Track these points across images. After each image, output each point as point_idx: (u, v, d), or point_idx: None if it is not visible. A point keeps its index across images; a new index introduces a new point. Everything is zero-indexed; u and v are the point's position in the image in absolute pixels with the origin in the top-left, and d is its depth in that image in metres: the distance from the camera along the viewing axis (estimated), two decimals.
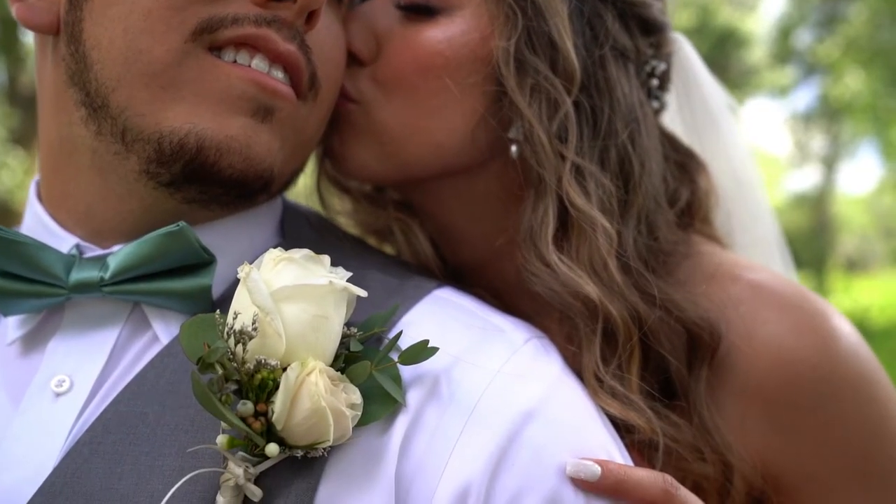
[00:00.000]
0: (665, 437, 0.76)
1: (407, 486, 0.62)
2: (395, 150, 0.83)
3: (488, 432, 0.63)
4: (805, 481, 0.81)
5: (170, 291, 0.68)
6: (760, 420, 0.80)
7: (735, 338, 0.81)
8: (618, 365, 0.77)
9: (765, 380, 0.80)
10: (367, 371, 0.62)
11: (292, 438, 0.60)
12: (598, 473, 0.64)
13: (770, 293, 0.83)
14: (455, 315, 0.72)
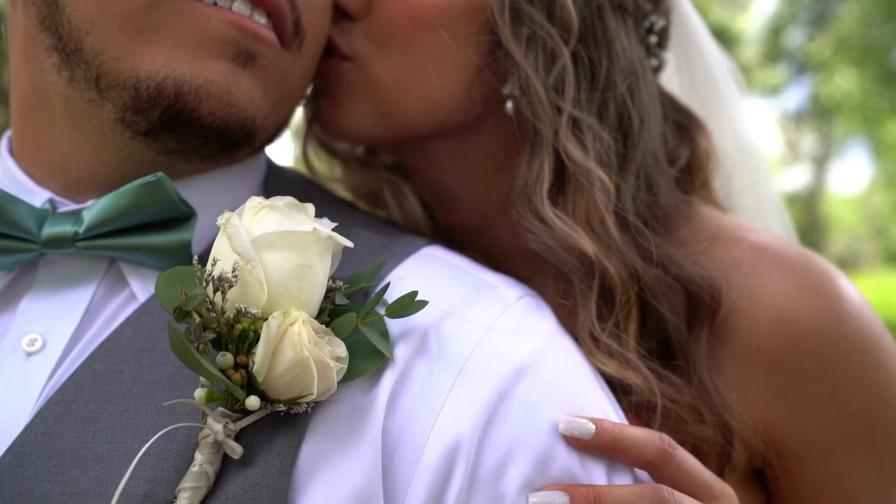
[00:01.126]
0: (663, 397, 0.74)
1: (394, 443, 0.58)
2: (391, 110, 0.80)
3: (479, 388, 0.60)
4: (807, 447, 0.79)
5: (147, 247, 0.65)
6: (762, 383, 0.78)
7: (737, 299, 0.78)
8: (615, 324, 0.75)
9: (767, 342, 0.77)
10: (352, 323, 0.59)
11: (274, 392, 0.57)
12: (592, 431, 0.61)
13: (773, 254, 0.80)
14: (445, 271, 0.69)
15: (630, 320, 0.75)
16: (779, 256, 0.80)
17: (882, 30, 8.90)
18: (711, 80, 0.96)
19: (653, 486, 0.61)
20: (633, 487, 0.61)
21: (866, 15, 8.94)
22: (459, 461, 0.58)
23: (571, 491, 0.59)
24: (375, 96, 0.80)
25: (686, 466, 0.62)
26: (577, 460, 0.61)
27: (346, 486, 0.57)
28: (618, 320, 0.75)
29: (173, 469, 0.58)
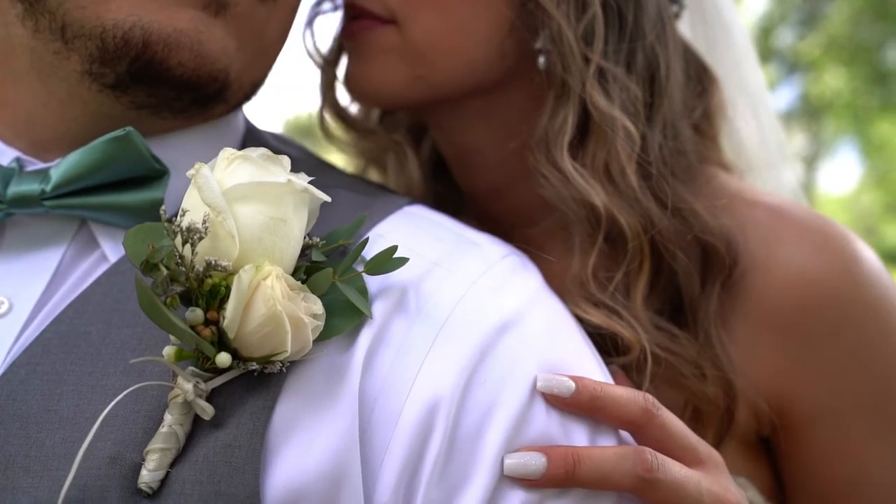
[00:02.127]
0: (661, 348, 0.72)
1: (371, 403, 0.56)
2: (426, 71, 0.78)
3: (460, 347, 0.57)
4: (817, 414, 0.77)
5: (118, 205, 0.62)
6: (774, 345, 0.76)
7: (752, 258, 0.77)
8: (624, 277, 0.74)
9: (782, 302, 0.75)
10: (328, 280, 0.56)
11: (247, 350, 0.54)
12: (571, 389, 0.58)
13: (791, 216, 0.79)
14: (427, 228, 0.66)
15: (641, 274, 0.74)
16: (796, 218, 0.79)
17: (871, 30, 8.89)
18: (726, 31, 0.93)
19: (636, 447, 0.58)
20: (616, 449, 0.58)
21: (856, 15, 8.94)
22: (438, 421, 0.55)
23: (549, 452, 0.56)
24: (410, 58, 0.78)
25: (670, 428, 0.60)
26: (557, 421, 0.59)
27: (322, 447, 0.54)
28: (628, 273, 0.74)
29: (141, 431, 0.55)
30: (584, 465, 0.56)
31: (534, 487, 0.57)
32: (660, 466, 0.57)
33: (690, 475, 0.59)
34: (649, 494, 0.58)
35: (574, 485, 0.57)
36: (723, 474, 0.61)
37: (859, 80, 9.56)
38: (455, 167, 0.89)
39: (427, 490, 0.55)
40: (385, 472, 0.55)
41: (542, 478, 0.56)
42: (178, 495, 0.53)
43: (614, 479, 0.57)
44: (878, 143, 11.58)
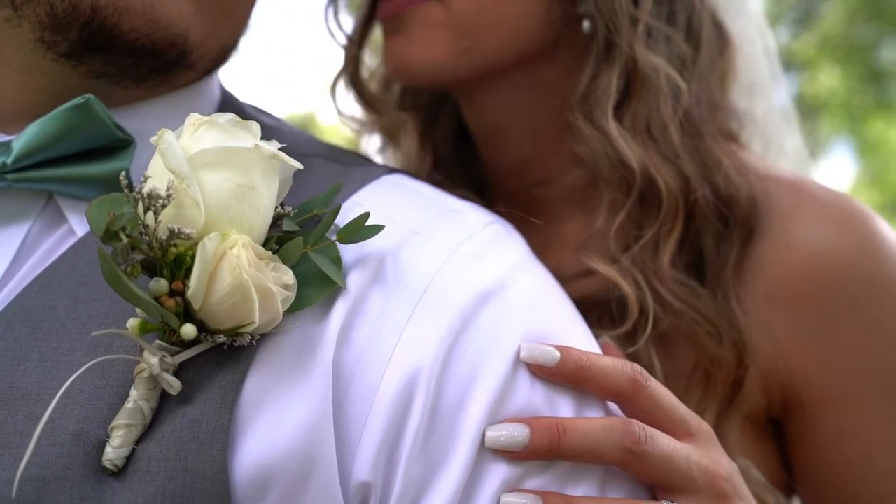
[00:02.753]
0: (683, 304, 0.71)
1: (348, 377, 0.53)
2: (473, 44, 0.77)
3: (440, 316, 0.54)
4: (829, 395, 0.74)
5: (83, 177, 0.59)
6: (789, 322, 0.74)
7: (771, 233, 0.75)
8: (654, 236, 0.73)
9: (799, 278, 0.74)
10: (299, 249, 0.53)
11: (213, 321, 0.51)
12: (556, 358, 0.55)
13: (811, 192, 0.78)
14: (407, 196, 0.63)
15: (672, 233, 0.74)
16: (817, 194, 0.78)
17: (866, 29, 8.86)
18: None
19: (624, 419, 0.55)
20: (602, 420, 0.55)
21: (851, 14, 8.91)
22: (418, 394, 0.53)
23: (533, 423, 0.54)
24: (457, 31, 0.77)
25: (659, 399, 0.57)
26: (542, 393, 0.56)
27: (293, 421, 0.52)
28: (658, 232, 0.73)
29: (107, 407, 0.52)
30: (569, 437, 0.53)
31: (517, 460, 0.54)
32: (648, 439, 0.55)
33: (679, 448, 0.56)
34: (636, 467, 0.55)
35: (559, 457, 0.54)
36: (713, 447, 0.58)
37: (854, 80, 9.53)
38: (483, 141, 0.87)
39: (408, 465, 0.52)
40: (363, 447, 0.52)
41: (525, 450, 0.53)
42: (143, 473, 0.51)
43: (601, 452, 0.54)
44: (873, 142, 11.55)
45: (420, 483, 0.53)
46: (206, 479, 0.50)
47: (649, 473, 0.56)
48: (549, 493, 0.54)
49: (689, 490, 0.56)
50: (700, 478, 0.56)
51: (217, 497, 0.50)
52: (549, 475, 0.55)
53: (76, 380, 0.53)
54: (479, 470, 0.53)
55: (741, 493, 0.57)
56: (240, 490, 0.51)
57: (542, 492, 0.54)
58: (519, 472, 0.54)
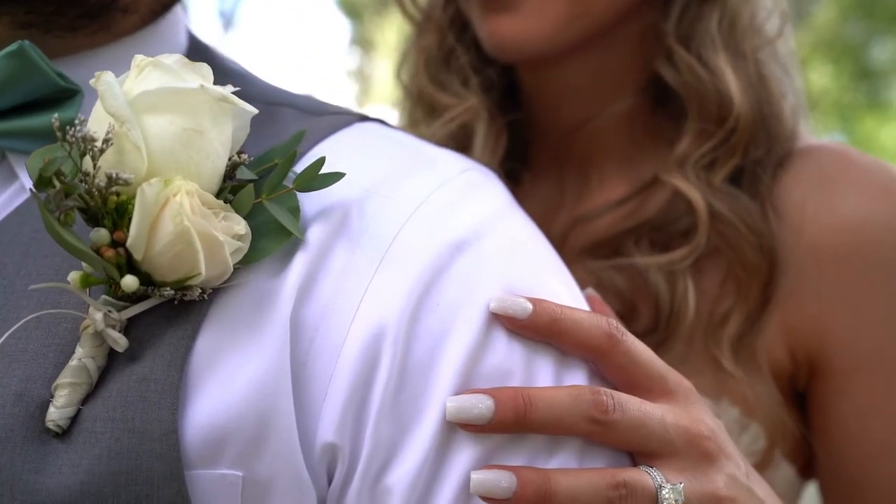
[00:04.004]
0: (731, 211, 0.72)
1: (311, 333, 0.48)
2: (585, 9, 0.75)
3: (409, 268, 0.49)
4: (859, 364, 0.71)
5: (28, 130, 0.54)
6: (822, 287, 0.72)
7: (812, 198, 0.73)
8: (719, 156, 0.75)
9: (838, 242, 0.71)
10: (251, 197, 0.48)
11: (158, 273, 0.46)
12: (528, 310, 0.49)
13: (853, 158, 0.76)
14: (379, 144, 0.57)
15: (734, 158, 0.74)
16: (859, 161, 0.76)
17: (858, 27, 8.78)
18: None
19: (591, 387, 0.50)
20: (569, 389, 0.49)
21: (842, 13, 8.83)
22: (385, 350, 0.47)
23: (497, 394, 0.48)
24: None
25: (636, 355, 0.51)
26: (520, 353, 0.50)
27: (247, 378, 0.47)
28: (723, 154, 0.74)
29: (52, 366, 0.47)
30: (535, 409, 0.48)
31: (481, 433, 0.48)
32: (616, 406, 0.49)
33: (652, 411, 0.50)
34: (608, 437, 0.49)
35: (526, 430, 0.48)
36: (694, 405, 0.52)
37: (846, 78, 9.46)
38: (541, 103, 0.83)
39: (377, 424, 0.47)
40: (328, 406, 0.47)
41: (489, 423, 0.47)
42: (88, 433, 0.46)
43: (568, 423, 0.48)
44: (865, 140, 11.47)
45: (390, 444, 0.47)
46: (155, 439, 0.45)
47: (622, 442, 0.50)
48: (522, 468, 0.48)
49: (668, 453, 0.50)
50: (678, 439, 0.50)
51: (166, 459, 0.45)
52: (524, 449, 0.49)
53: (20, 338, 0.48)
54: (450, 438, 0.48)
55: (727, 450, 0.52)
56: (191, 452, 0.46)
57: (514, 467, 0.48)
58: (490, 447, 0.48)
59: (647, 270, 0.74)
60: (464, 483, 0.47)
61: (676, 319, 0.73)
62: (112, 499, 0.45)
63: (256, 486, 0.47)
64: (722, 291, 0.74)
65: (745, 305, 0.73)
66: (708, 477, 0.50)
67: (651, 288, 0.74)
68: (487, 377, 0.49)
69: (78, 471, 0.45)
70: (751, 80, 0.76)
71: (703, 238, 0.73)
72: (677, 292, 0.73)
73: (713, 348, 0.73)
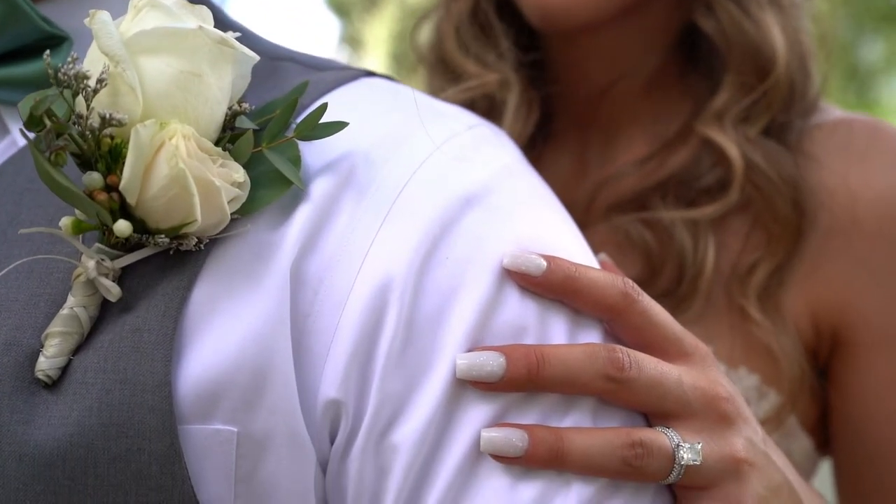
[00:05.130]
0: (766, 161, 0.71)
1: (315, 285, 0.45)
2: None
3: (417, 220, 0.46)
4: (884, 340, 0.69)
5: (16, 79, 0.50)
6: (851, 257, 0.69)
7: (842, 169, 0.71)
8: (755, 111, 0.73)
9: (868, 214, 0.69)
10: (250, 144, 0.45)
11: (153, 219, 0.43)
12: (542, 267, 0.46)
13: (887, 131, 0.74)
14: (385, 97, 0.53)
15: (769, 111, 0.73)
16: (892, 134, 0.73)
17: (847, 25, 8.75)
18: None
19: (607, 345, 0.46)
20: (584, 347, 0.46)
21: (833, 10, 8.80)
22: (391, 303, 0.44)
23: (509, 352, 0.44)
24: None
25: (652, 315, 0.48)
26: (533, 309, 0.47)
27: (243, 330, 0.44)
28: (759, 109, 0.73)
29: (43, 316, 0.44)
30: (548, 366, 0.44)
31: (492, 392, 0.45)
32: (633, 364, 0.46)
33: (669, 371, 0.47)
34: (623, 396, 0.46)
35: (538, 388, 0.45)
36: (711, 368, 0.49)
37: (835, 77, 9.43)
38: (570, 69, 0.79)
39: (382, 380, 0.44)
40: (332, 360, 0.44)
41: (500, 381, 0.44)
42: (79, 385, 0.43)
43: (583, 381, 0.45)
44: None
45: (397, 399, 0.44)
46: (147, 391, 0.43)
47: (638, 401, 0.47)
48: (534, 427, 0.45)
49: (685, 414, 0.47)
50: (696, 401, 0.47)
51: (158, 411, 0.42)
52: (535, 407, 0.46)
53: (11, 287, 0.45)
54: (460, 395, 0.45)
55: (744, 414, 0.49)
56: (184, 405, 0.43)
57: (526, 425, 0.45)
58: (501, 405, 0.45)
59: (672, 225, 0.72)
60: (474, 441, 0.44)
61: (697, 275, 0.71)
62: (102, 452, 0.42)
63: (252, 442, 0.44)
64: (747, 245, 0.72)
65: (775, 257, 0.71)
66: (726, 439, 0.47)
67: (676, 244, 0.72)
68: (499, 334, 0.46)
69: (67, 422, 0.42)
70: (791, 35, 0.74)
71: (736, 192, 0.71)
72: (700, 247, 0.71)
73: (739, 298, 0.71)
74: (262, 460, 0.44)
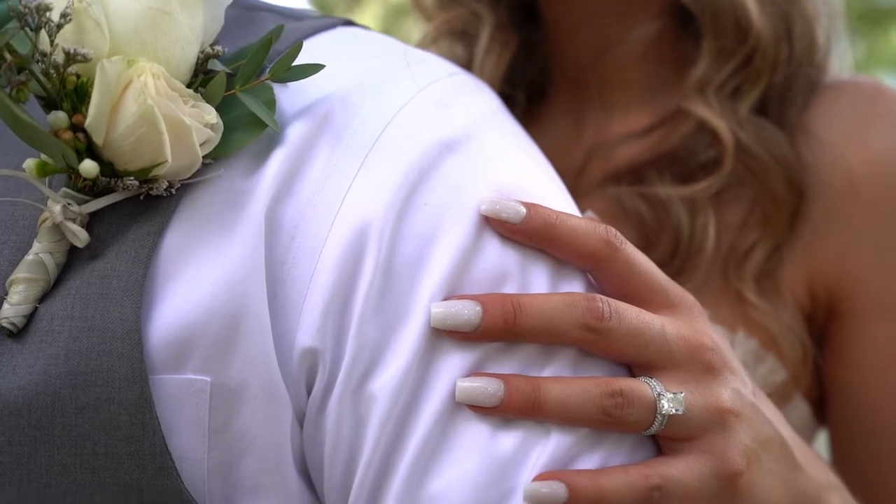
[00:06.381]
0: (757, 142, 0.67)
1: (290, 231, 0.42)
2: None
3: (395, 164, 0.43)
4: (883, 308, 0.66)
5: None
6: (848, 223, 0.66)
7: (844, 131, 0.68)
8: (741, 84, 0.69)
9: (868, 178, 0.67)
10: (222, 85, 0.43)
11: (121, 160, 0.41)
12: (522, 214, 0.43)
13: (885, 92, 0.71)
14: (364, 44, 0.51)
15: (758, 86, 0.69)
16: (891, 94, 0.70)
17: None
18: None
19: (586, 294, 0.44)
20: (563, 296, 0.43)
21: None
22: (369, 248, 0.42)
23: (486, 301, 0.42)
24: None
25: (636, 264, 0.45)
26: (514, 258, 0.44)
27: (216, 277, 0.41)
28: (745, 82, 0.69)
29: (7, 263, 0.42)
30: (525, 315, 0.42)
31: (468, 341, 0.42)
32: (613, 314, 0.43)
33: (651, 320, 0.44)
34: (603, 346, 0.44)
35: (515, 338, 0.43)
36: (697, 318, 0.46)
37: None
38: (562, 32, 0.76)
39: (360, 327, 0.41)
40: (308, 307, 0.42)
41: (476, 330, 0.42)
42: (45, 332, 0.40)
43: (561, 330, 0.43)
44: None
45: (374, 347, 0.42)
46: (116, 338, 0.40)
47: (619, 351, 0.44)
48: (511, 376, 0.42)
49: (668, 365, 0.44)
50: (679, 350, 0.44)
51: (128, 359, 0.40)
52: (514, 357, 0.43)
53: None
54: (437, 344, 0.42)
55: (731, 365, 0.46)
56: (155, 353, 0.41)
57: (503, 375, 0.42)
58: (480, 355, 0.43)
59: (669, 201, 0.69)
60: (452, 391, 0.42)
61: (695, 252, 0.68)
62: (70, 401, 0.40)
63: (225, 392, 0.41)
64: (746, 225, 0.69)
65: (772, 238, 0.68)
66: (711, 389, 0.44)
67: (672, 219, 0.69)
68: (478, 282, 0.43)
69: (33, 371, 0.40)
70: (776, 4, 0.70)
71: (727, 169, 0.68)
72: (697, 224, 0.68)
73: (736, 281, 0.68)
74: (236, 411, 0.42)
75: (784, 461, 0.46)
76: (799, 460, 0.48)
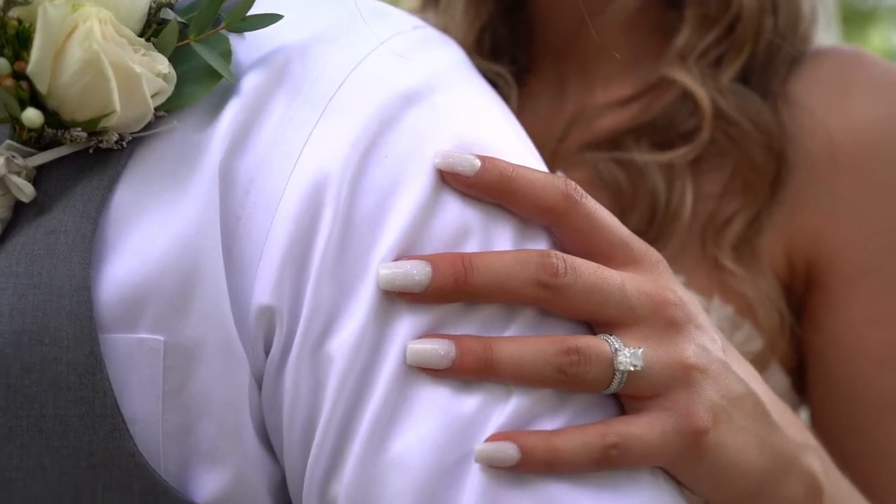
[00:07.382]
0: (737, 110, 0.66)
1: (246, 185, 0.40)
2: None
3: (355, 116, 0.41)
4: (861, 274, 0.65)
5: None
6: (827, 189, 0.65)
7: (826, 98, 0.67)
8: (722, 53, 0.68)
9: (845, 143, 0.65)
10: (175, 34, 0.40)
11: (67, 109, 0.38)
12: (476, 167, 0.41)
13: (872, 60, 0.70)
14: None
15: (741, 55, 0.67)
16: (874, 61, 0.70)
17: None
18: None
19: (540, 251, 0.41)
20: (515, 253, 0.41)
21: None
22: (327, 202, 0.39)
23: (435, 260, 0.40)
24: None
25: (597, 219, 0.43)
26: (476, 215, 0.41)
27: (169, 233, 0.39)
28: (728, 51, 0.68)
29: None
30: (476, 274, 0.40)
31: (420, 302, 0.40)
32: (568, 270, 0.41)
33: (610, 276, 0.42)
34: (559, 304, 0.41)
35: (468, 298, 0.40)
36: (662, 274, 0.44)
37: None
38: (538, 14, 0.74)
39: (317, 284, 0.39)
40: (265, 263, 0.39)
41: (426, 291, 0.39)
42: None
43: (514, 288, 0.40)
44: None
45: (332, 306, 0.39)
46: (64, 296, 0.38)
47: (575, 309, 0.42)
48: (462, 337, 0.40)
49: (629, 321, 0.42)
50: (641, 306, 0.42)
51: (77, 317, 0.37)
52: (472, 319, 0.41)
53: None
54: (392, 305, 0.40)
55: (697, 321, 0.44)
56: (106, 312, 0.38)
57: (454, 336, 0.40)
58: (436, 317, 0.40)
59: (645, 167, 0.67)
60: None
61: (672, 218, 0.66)
62: (14, 361, 0.37)
63: (180, 352, 0.39)
64: (726, 193, 0.67)
65: (752, 207, 0.66)
66: (675, 345, 0.42)
67: (648, 185, 0.67)
68: (439, 238, 0.41)
69: None
70: None
71: (705, 135, 0.66)
72: (674, 192, 0.66)
73: (713, 249, 0.66)
74: (191, 372, 0.39)
75: (758, 419, 0.44)
76: (775, 419, 0.46)
